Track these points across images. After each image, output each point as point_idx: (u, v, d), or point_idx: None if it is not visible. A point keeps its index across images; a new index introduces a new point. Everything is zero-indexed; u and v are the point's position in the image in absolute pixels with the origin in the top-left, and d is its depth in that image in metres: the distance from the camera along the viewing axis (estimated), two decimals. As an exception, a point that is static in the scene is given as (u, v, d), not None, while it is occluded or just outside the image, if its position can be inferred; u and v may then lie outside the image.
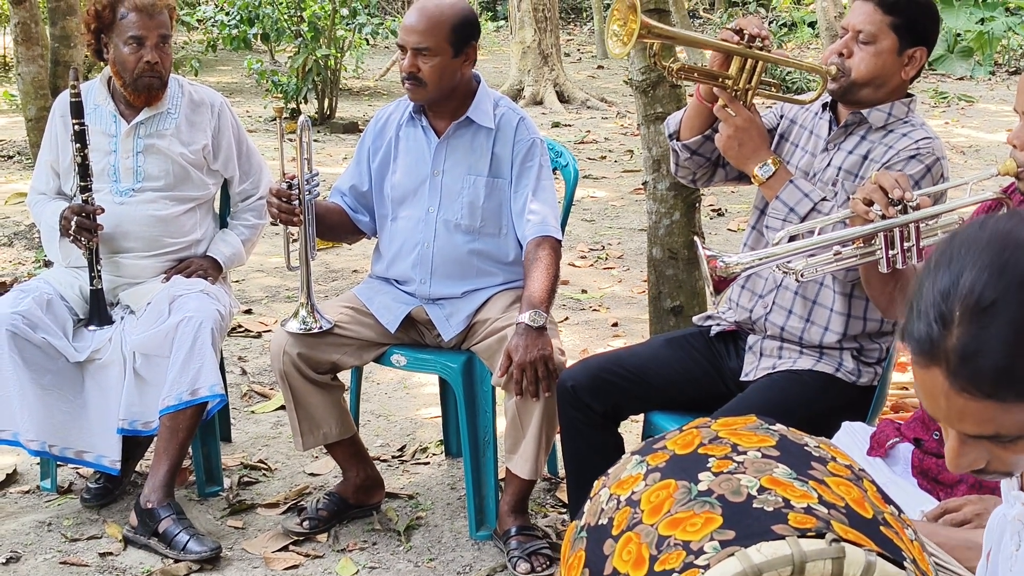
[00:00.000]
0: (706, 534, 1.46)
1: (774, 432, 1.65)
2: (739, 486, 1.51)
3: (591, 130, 10.71)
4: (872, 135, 2.79)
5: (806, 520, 1.44)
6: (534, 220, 3.26)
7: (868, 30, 2.72)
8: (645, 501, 1.56)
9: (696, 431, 1.67)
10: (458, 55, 3.23)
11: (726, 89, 2.74)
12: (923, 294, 1.35)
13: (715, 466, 1.55)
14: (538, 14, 12.01)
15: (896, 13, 2.71)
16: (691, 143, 2.95)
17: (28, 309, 3.35)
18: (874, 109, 2.79)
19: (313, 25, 10.27)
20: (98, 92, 3.61)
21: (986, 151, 9.51)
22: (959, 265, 1.33)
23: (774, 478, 1.52)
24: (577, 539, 1.67)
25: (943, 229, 2.41)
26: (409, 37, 3.19)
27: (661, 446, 1.67)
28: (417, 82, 3.21)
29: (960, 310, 1.30)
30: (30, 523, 3.43)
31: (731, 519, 1.46)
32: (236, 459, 3.86)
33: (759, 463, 1.56)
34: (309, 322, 3.23)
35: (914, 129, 2.77)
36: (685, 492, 1.53)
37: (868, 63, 2.73)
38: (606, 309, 5.56)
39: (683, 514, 1.50)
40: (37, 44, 7.38)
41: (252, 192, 3.79)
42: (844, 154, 2.81)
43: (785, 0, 17.61)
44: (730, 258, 2.39)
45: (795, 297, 2.83)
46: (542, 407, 3.07)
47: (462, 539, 3.35)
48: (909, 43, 2.73)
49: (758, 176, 2.77)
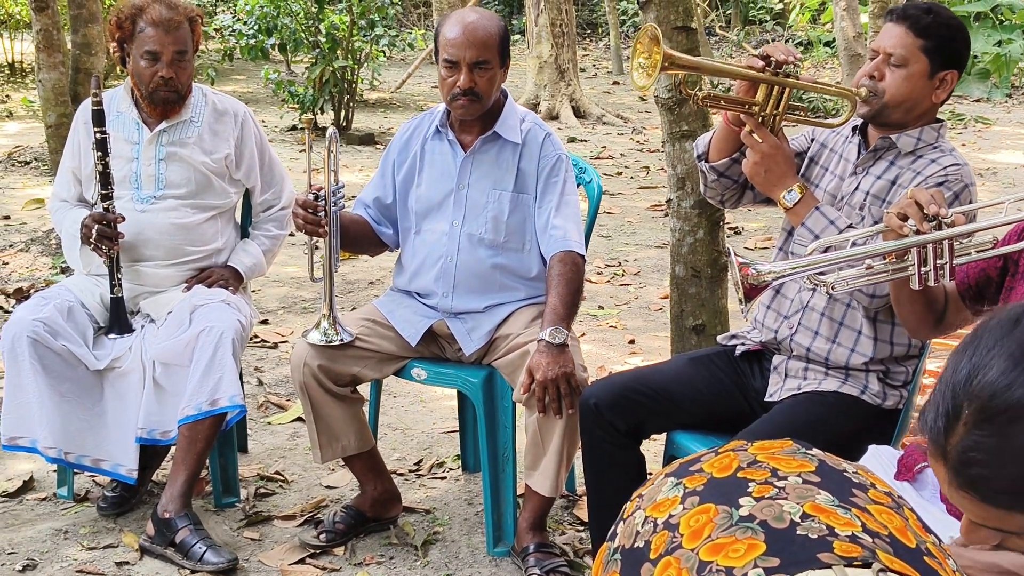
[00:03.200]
0: (749, 560, 1.43)
1: (813, 457, 1.63)
2: (782, 512, 1.49)
3: (607, 146, 10.70)
4: (901, 160, 2.78)
5: (852, 549, 1.42)
6: (557, 235, 3.25)
7: (900, 53, 2.71)
8: (684, 525, 1.54)
9: (733, 454, 1.65)
10: (503, 66, 3.25)
11: (753, 116, 2.75)
12: (944, 378, 1.30)
13: (756, 491, 1.53)
14: (555, 29, 12.02)
15: (928, 36, 2.70)
16: (719, 165, 2.96)
17: (49, 316, 3.34)
18: (903, 134, 2.78)
19: (331, 36, 10.28)
20: (122, 99, 3.61)
21: (1004, 173, 9.48)
22: (982, 357, 1.28)
23: (817, 505, 1.50)
24: (611, 561, 1.65)
25: (977, 248, 2.39)
26: (466, 52, 3.16)
27: (698, 468, 1.64)
28: (475, 97, 3.20)
29: (969, 409, 1.25)
30: (46, 531, 3.42)
31: (775, 546, 1.44)
32: (253, 470, 3.84)
33: (801, 489, 1.54)
34: (331, 334, 3.22)
35: (943, 155, 2.76)
36: (726, 517, 1.51)
37: (900, 86, 2.72)
38: (623, 326, 5.54)
39: (725, 539, 1.48)
40: (58, 51, 7.40)
41: (274, 202, 3.79)
42: (872, 179, 2.80)
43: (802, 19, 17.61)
44: (762, 266, 2.38)
45: (822, 318, 2.81)
46: (564, 424, 3.06)
47: (479, 555, 3.33)
48: (940, 66, 2.72)
49: (784, 202, 2.77)
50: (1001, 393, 1.23)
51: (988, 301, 2.46)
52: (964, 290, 2.51)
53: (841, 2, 11.03)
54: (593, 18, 21.10)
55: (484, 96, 3.21)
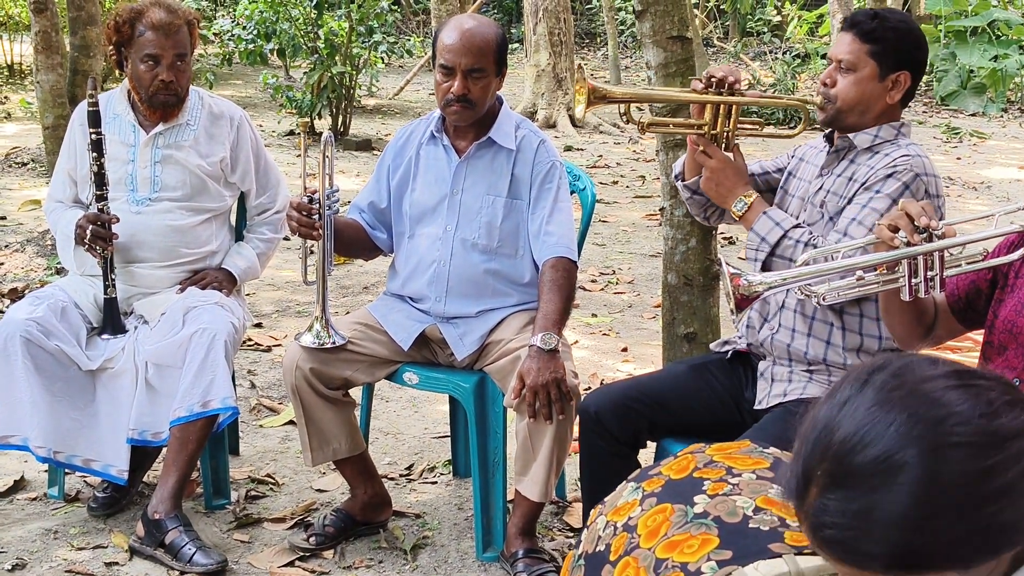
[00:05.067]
0: (703, 555, 1.46)
1: (768, 455, 1.66)
2: (735, 507, 1.52)
3: (603, 155, 10.72)
4: (860, 157, 2.87)
5: (802, 538, 1.44)
6: (550, 241, 3.27)
7: (848, 59, 2.83)
8: (642, 526, 1.57)
9: (691, 456, 1.68)
10: (499, 75, 3.27)
11: (703, 135, 2.90)
12: (801, 432, 1.26)
13: (710, 489, 1.56)
14: (553, 38, 12.05)
15: (874, 41, 2.81)
16: (691, 183, 3.08)
17: (43, 316, 3.35)
18: (861, 132, 2.87)
19: (329, 42, 10.30)
20: (118, 101, 3.62)
21: (998, 187, 9.50)
22: (836, 413, 1.23)
23: (769, 498, 1.53)
24: (575, 567, 1.67)
25: (967, 260, 2.41)
26: (461, 59, 3.18)
27: (656, 472, 1.67)
28: (468, 104, 3.22)
29: (820, 470, 1.22)
30: (36, 530, 3.43)
31: (728, 539, 1.47)
32: (244, 472, 3.85)
33: (754, 484, 1.56)
34: (323, 336, 3.23)
35: (897, 149, 2.83)
36: (681, 515, 1.53)
37: (850, 90, 2.83)
38: (616, 334, 5.55)
39: (680, 536, 1.50)
40: (57, 53, 7.41)
41: (269, 206, 3.80)
42: (835, 178, 2.89)
43: (800, 31, 17.66)
44: (754, 277, 2.40)
45: (795, 315, 2.88)
46: (554, 430, 3.07)
47: (468, 560, 3.34)
48: (890, 68, 2.82)
49: (735, 212, 2.90)
50: (850, 454, 1.20)
51: (978, 314, 2.48)
52: (954, 302, 2.53)
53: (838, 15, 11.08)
54: (592, 27, 21.14)
55: (477, 103, 3.22)
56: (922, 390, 1.22)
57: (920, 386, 1.23)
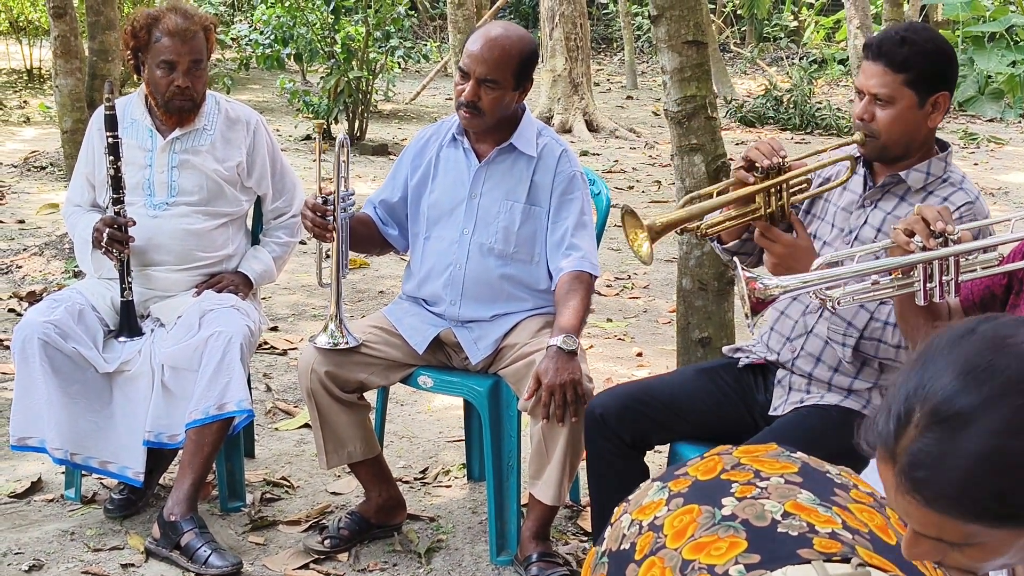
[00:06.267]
0: (731, 558, 1.46)
1: (796, 460, 1.65)
2: (763, 511, 1.51)
3: (619, 160, 10.72)
4: (912, 197, 2.77)
5: (831, 545, 1.44)
6: (575, 255, 3.27)
7: (884, 92, 2.68)
8: (668, 526, 1.56)
9: (718, 458, 1.67)
10: (518, 88, 3.25)
11: (761, 219, 2.73)
12: (896, 387, 1.35)
13: (738, 491, 1.56)
14: (570, 43, 12.05)
15: (907, 70, 2.66)
16: (731, 247, 2.98)
17: (60, 319, 3.37)
18: (912, 170, 2.76)
19: (346, 47, 10.32)
20: (136, 106, 3.64)
21: (1016, 192, 9.46)
22: (932, 368, 1.32)
23: (798, 503, 1.52)
24: (598, 564, 1.67)
25: (983, 265, 2.40)
26: (477, 67, 3.18)
27: (683, 472, 1.67)
28: (475, 111, 3.22)
29: (920, 412, 1.30)
30: (53, 531, 3.45)
31: (756, 543, 1.47)
32: (259, 475, 3.87)
33: (782, 488, 1.56)
34: (337, 337, 3.24)
35: (955, 191, 2.74)
36: (709, 517, 1.53)
37: (892, 125, 2.70)
38: (630, 339, 5.55)
39: (707, 538, 1.50)
40: (76, 57, 7.44)
41: (285, 210, 3.81)
42: (882, 214, 2.79)
43: (817, 36, 17.62)
44: (770, 280, 2.39)
45: (825, 346, 2.81)
46: (568, 433, 3.07)
47: (482, 563, 3.34)
48: (928, 93, 2.69)
49: None
50: (950, 399, 1.28)
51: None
52: (968, 307, 2.52)
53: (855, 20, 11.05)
54: (608, 33, 21.13)
55: (486, 112, 3.22)
56: (1015, 345, 1.31)
57: (1012, 340, 1.31)
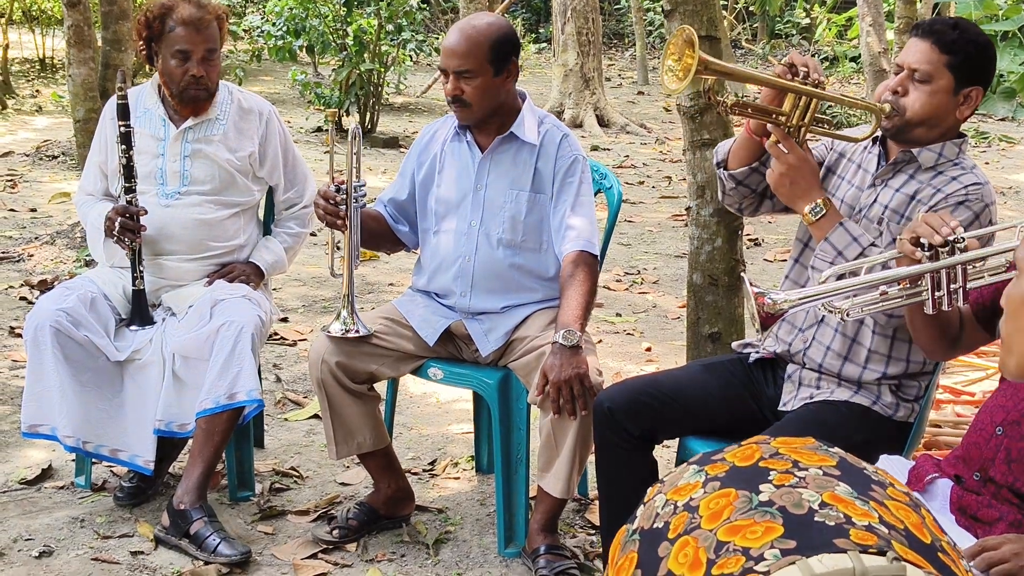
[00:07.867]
0: (767, 542, 1.46)
1: (834, 454, 1.66)
2: (801, 499, 1.52)
3: (629, 155, 10.72)
4: (921, 175, 2.76)
5: (867, 537, 1.45)
6: (572, 235, 3.27)
7: (924, 69, 2.68)
8: (704, 507, 1.57)
9: (756, 446, 1.68)
10: (499, 73, 3.25)
11: (780, 126, 2.71)
12: None
13: (776, 479, 1.56)
14: (581, 38, 12.04)
15: (954, 52, 2.67)
16: (737, 174, 2.95)
17: (72, 307, 3.38)
18: (925, 149, 2.76)
19: (358, 39, 10.33)
20: (148, 96, 3.65)
21: (1027, 192, 9.45)
22: None
23: (836, 495, 1.53)
24: (629, 541, 1.67)
25: (990, 272, 2.39)
26: (450, 61, 3.22)
27: (720, 458, 1.68)
28: (462, 104, 3.24)
29: None
30: (63, 519, 3.46)
31: (793, 530, 1.47)
32: (268, 465, 3.88)
33: (821, 480, 1.56)
34: (349, 324, 3.25)
35: (964, 173, 2.73)
36: (746, 501, 1.54)
37: (923, 103, 2.70)
38: (640, 334, 5.56)
39: (743, 522, 1.51)
40: (89, 47, 7.46)
41: (296, 201, 3.82)
42: (891, 192, 2.78)
43: (829, 34, 17.58)
44: (778, 295, 2.38)
45: (835, 335, 2.81)
46: (577, 426, 3.08)
47: (490, 555, 3.35)
48: (965, 83, 2.70)
49: (808, 216, 2.73)
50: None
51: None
52: (978, 311, 2.52)
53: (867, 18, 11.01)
54: (620, 28, 21.12)
55: (472, 103, 3.24)
56: None
57: None
